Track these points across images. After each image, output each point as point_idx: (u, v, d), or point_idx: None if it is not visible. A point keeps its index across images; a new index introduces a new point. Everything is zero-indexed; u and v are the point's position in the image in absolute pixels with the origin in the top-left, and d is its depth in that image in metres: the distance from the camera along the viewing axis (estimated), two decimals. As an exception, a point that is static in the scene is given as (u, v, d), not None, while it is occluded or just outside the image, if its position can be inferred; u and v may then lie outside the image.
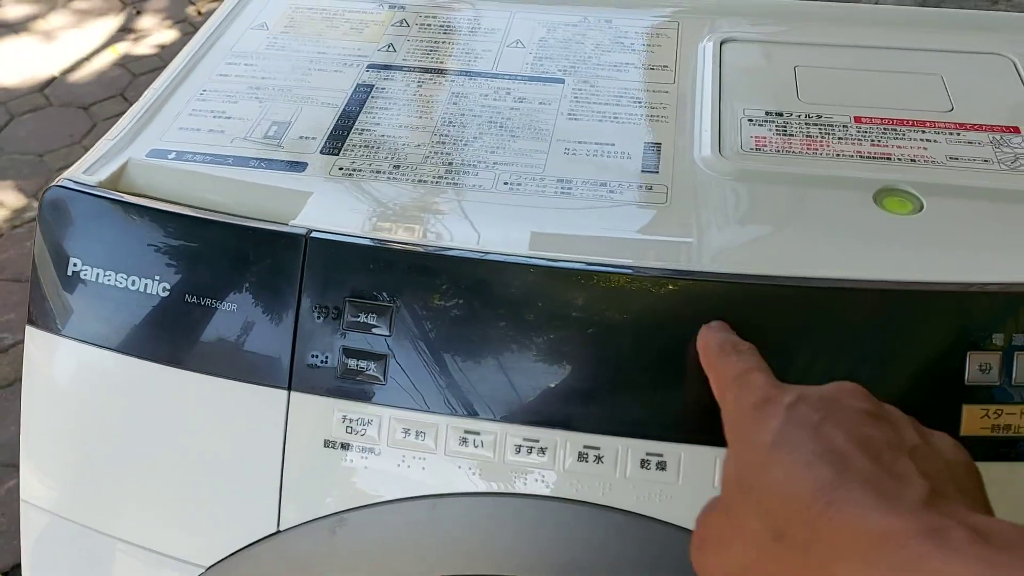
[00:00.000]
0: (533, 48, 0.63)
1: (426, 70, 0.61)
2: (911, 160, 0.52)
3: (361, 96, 0.59)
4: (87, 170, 0.51)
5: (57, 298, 0.50)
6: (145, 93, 0.59)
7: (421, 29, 0.66)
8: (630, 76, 0.60)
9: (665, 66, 0.61)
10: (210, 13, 2.68)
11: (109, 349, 0.49)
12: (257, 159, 0.53)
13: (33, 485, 0.53)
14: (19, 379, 1.78)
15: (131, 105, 0.59)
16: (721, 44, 0.62)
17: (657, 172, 0.52)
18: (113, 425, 0.50)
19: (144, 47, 2.70)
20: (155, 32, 2.77)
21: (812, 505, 0.29)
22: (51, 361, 0.51)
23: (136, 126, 0.56)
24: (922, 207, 0.49)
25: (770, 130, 0.55)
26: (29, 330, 0.51)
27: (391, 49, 0.63)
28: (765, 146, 0.53)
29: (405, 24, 0.66)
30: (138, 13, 2.87)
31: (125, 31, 2.78)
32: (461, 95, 0.59)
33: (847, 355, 0.44)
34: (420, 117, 0.57)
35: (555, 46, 0.63)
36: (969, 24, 0.64)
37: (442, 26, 0.66)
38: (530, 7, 0.68)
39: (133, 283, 0.48)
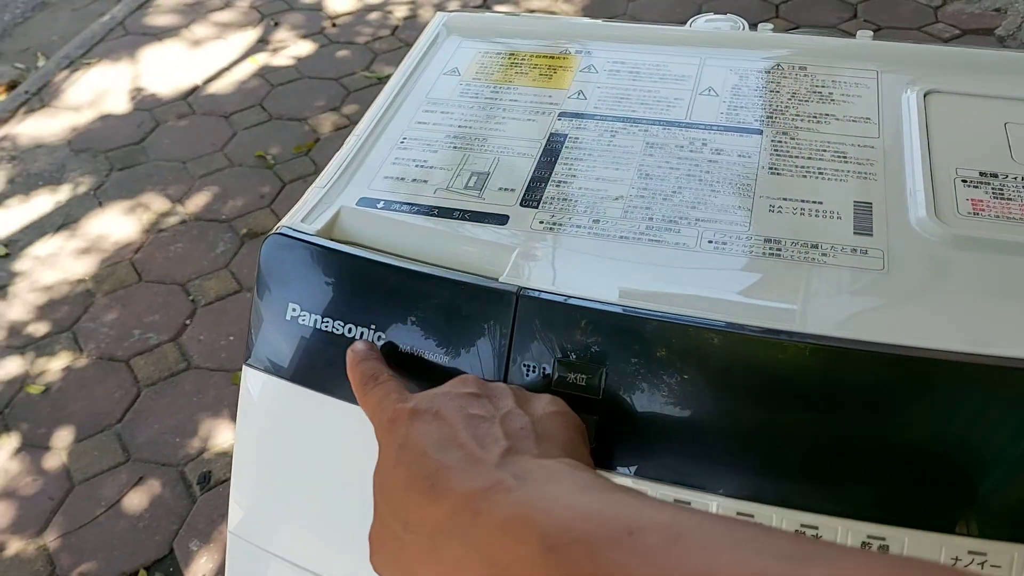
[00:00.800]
0: (727, 96, 0.63)
1: (618, 118, 0.61)
2: None
3: (555, 146, 0.59)
4: (304, 218, 0.54)
5: (275, 341, 0.52)
6: (348, 139, 0.61)
7: (610, 75, 0.66)
8: (831, 128, 0.59)
9: (868, 118, 0.59)
10: (345, 25, 2.76)
11: (323, 393, 0.51)
12: (460, 210, 0.54)
13: (240, 518, 0.55)
14: (163, 379, 1.87)
15: (269, 115, 0.61)
16: (925, 96, 0.60)
17: (871, 234, 0.50)
18: (320, 465, 0.52)
19: (282, 58, 2.81)
20: (292, 44, 2.88)
21: (420, 490, 0.34)
22: (266, 400, 0.53)
23: (345, 174, 0.58)
24: None
25: (987, 193, 0.52)
26: (246, 369, 0.53)
27: (581, 96, 0.64)
28: (983, 210, 0.51)
29: (593, 70, 0.67)
30: (276, 25, 2.99)
31: (263, 43, 2.91)
32: (656, 145, 0.59)
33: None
34: (616, 169, 0.57)
35: (749, 95, 0.63)
36: None
37: (631, 72, 0.66)
38: (720, 52, 0.67)
39: (350, 331, 0.50)
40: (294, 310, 0.51)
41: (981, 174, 0.54)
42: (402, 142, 0.61)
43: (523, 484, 0.32)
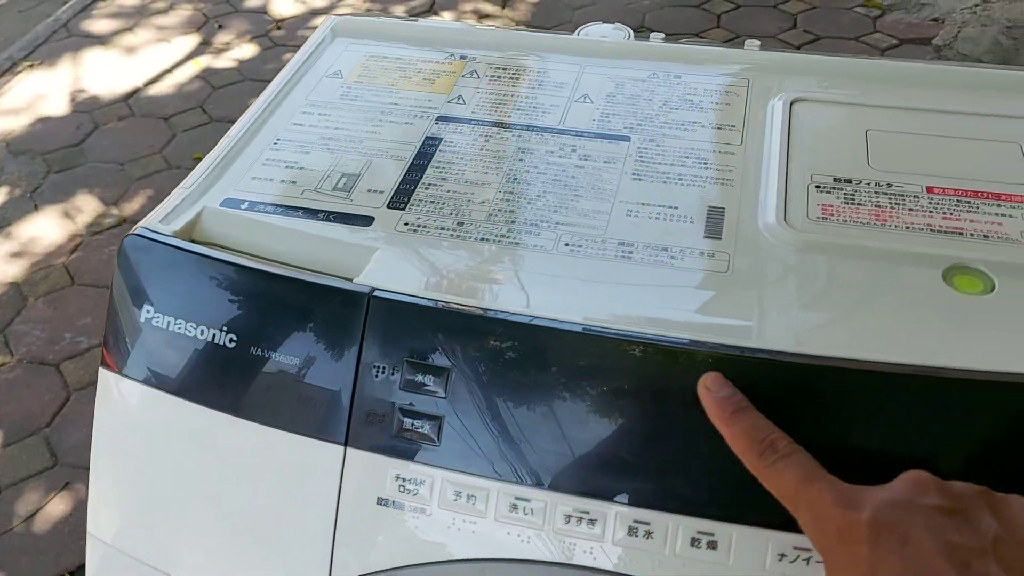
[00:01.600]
0: (601, 104, 0.64)
1: (494, 123, 0.62)
2: (984, 236, 0.51)
3: (429, 149, 0.60)
4: (164, 219, 0.54)
5: (130, 342, 0.52)
6: (221, 141, 0.61)
7: (491, 81, 0.67)
8: (697, 136, 0.60)
9: (733, 126, 0.61)
10: (290, 28, 2.75)
11: (176, 395, 0.51)
12: (326, 212, 0.55)
13: (98, 519, 0.55)
14: (93, 383, 1.85)
15: (209, 117, 0.61)
16: (791, 104, 0.62)
17: (720, 238, 0.52)
18: (175, 468, 0.52)
19: (225, 60, 2.79)
20: (236, 47, 2.86)
21: None
22: (122, 402, 0.53)
23: (212, 174, 0.58)
24: (994, 287, 0.47)
25: (838, 198, 0.54)
26: (102, 371, 0.53)
27: (460, 101, 0.65)
28: (832, 215, 0.53)
29: (475, 75, 0.67)
30: (219, 28, 2.97)
31: (206, 45, 2.88)
32: (527, 151, 0.59)
33: (909, 443, 0.42)
34: (486, 173, 0.58)
35: (623, 102, 0.64)
36: (1053, 89, 0.62)
37: (512, 78, 0.67)
38: (600, 61, 0.68)
39: (202, 332, 0.50)
40: (148, 312, 0.51)
41: (835, 180, 0.55)
42: (275, 143, 0.61)
43: None
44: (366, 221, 0.54)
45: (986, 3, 2.63)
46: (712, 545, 0.43)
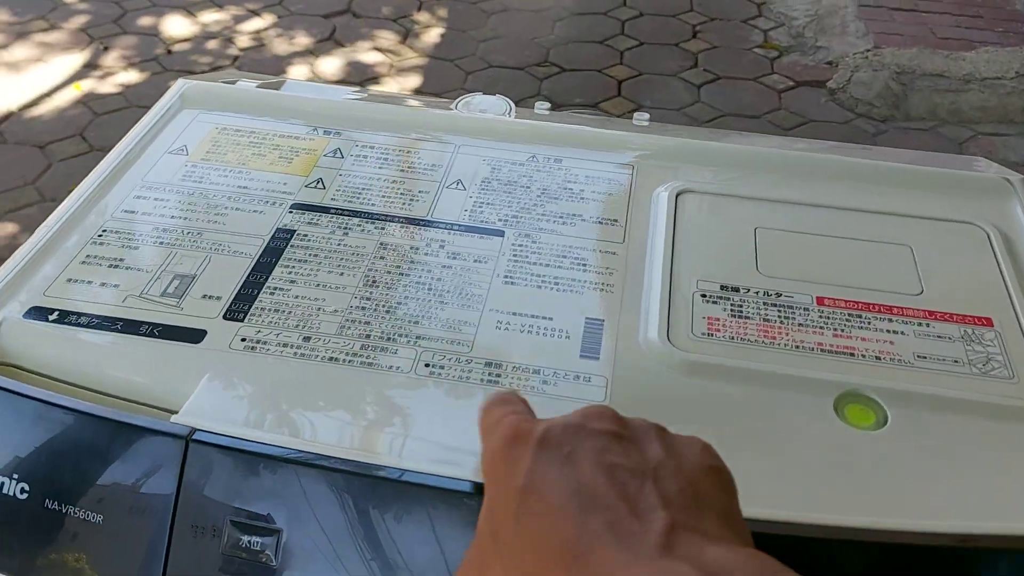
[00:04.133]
0: (474, 191, 0.58)
1: (355, 213, 0.56)
2: (876, 357, 0.47)
3: (279, 244, 0.53)
4: (-48, 337, 0.45)
5: (-98, 489, 0.43)
6: (37, 230, 0.53)
7: (356, 161, 0.60)
8: (576, 230, 0.55)
9: (615, 220, 0.56)
10: (181, 52, 2.62)
11: (-44, 554, 0.42)
12: (150, 324, 0.47)
13: None
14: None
15: (90, 146, 0.53)
16: (677, 195, 0.57)
17: (598, 358, 0.47)
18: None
19: (109, 85, 2.64)
20: (121, 70, 2.71)
21: (560, 563, 0.28)
22: None
23: (20, 275, 0.50)
24: (886, 420, 0.44)
25: (725, 309, 0.49)
26: None
27: (319, 185, 0.58)
28: (719, 331, 0.48)
29: (339, 155, 0.61)
30: (105, 49, 2.81)
31: (90, 67, 2.72)
32: (389, 247, 0.53)
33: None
34: (341, 274, 0.51)
35: (498, 189, 0.58)
36: (945, 184, 0.59)
37: (380, 158, 0.61)
38: (476, 141, 0.63)
39: (-12, 480, 0.42)
40: (-78, 453, 0.43)
41: (722, 288, 0.51)
42: (100, 235, 0.53)
43: None
44: (196, 336, 0.47)
45: (877, 48, 2.71)
46: None
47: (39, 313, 0.48)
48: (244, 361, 0.46)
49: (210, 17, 3.02)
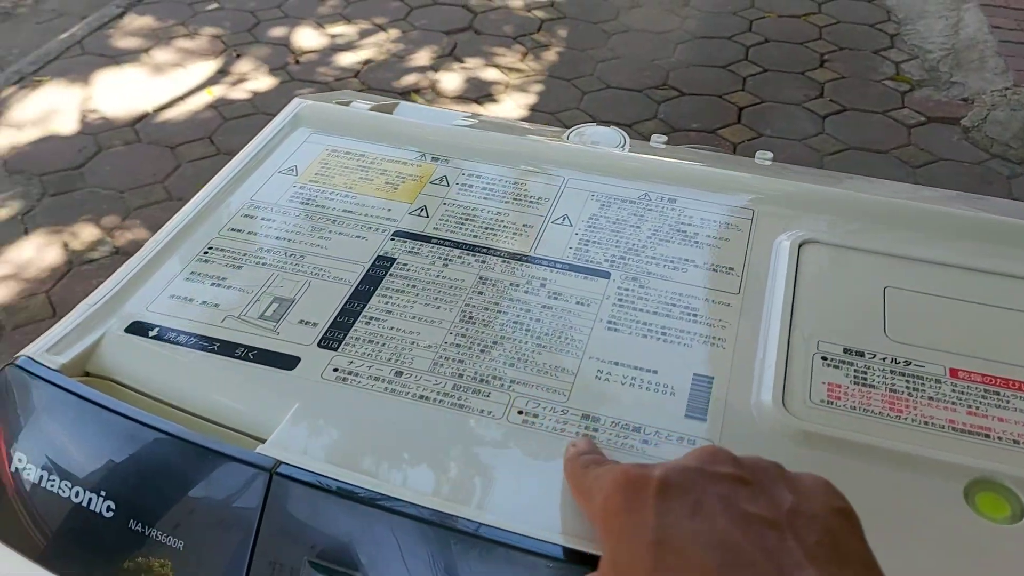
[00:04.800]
0: (581, 227, 0.56)
1: (456, 244, 0.54)
2: (1014, 441, 0.42)
3: (378, 272, 0.52)
4: (53, 347, 0.46)
5: (-2, 495, 0.44)
6: (146, 244, 0.54)
7: (461, 190, 0.59)
8: (688, 277, 0.52)
9: (731, 268, 0.52)
10: (309, 63, 2.70)
11: (40, 564, 0.42)
12: (246, 347, 0.47)
13: None
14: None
15: (217, 149, 0.53)
16: (800, 246, 0.53)
17: (704, 420, 0.43)
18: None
19: (239, 92, 2.74)
20: (252, 78, 2.81)
21: None
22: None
23: (125, 289, 0.50)
24: (1022, 513, 0.39)
25: (847, 375, 0.45)
26: (-35, 522, 0.45)
27: (423, 213, 0.57)
28: (839, 398, 0.44)
29: (445, 182, 0.60)
30: (238, 57, 2.93)
31: (223, 74, 2.84)
32: (489, 281, 0.51)
33: None
34: (438, 307, 0.50)
35: (606, 227, 0.56)
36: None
37: (485, 188, 0.59)
38: (585, 175, 0.60)
39: (77, 495, 0.42)
40: (20, 460, 0.43)
41: (845, 351, 0.47)
42: (206, 252, 0.53)
43: None
44: (290, 363, 0.46)
45: (1016, 87, 2.55)
46: None
47: (140, 328, 0.48)
48: (334, 393, 0.45)
49: (338, 30, 3.11)
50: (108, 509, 0.41)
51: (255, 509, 0.39)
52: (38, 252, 2.10)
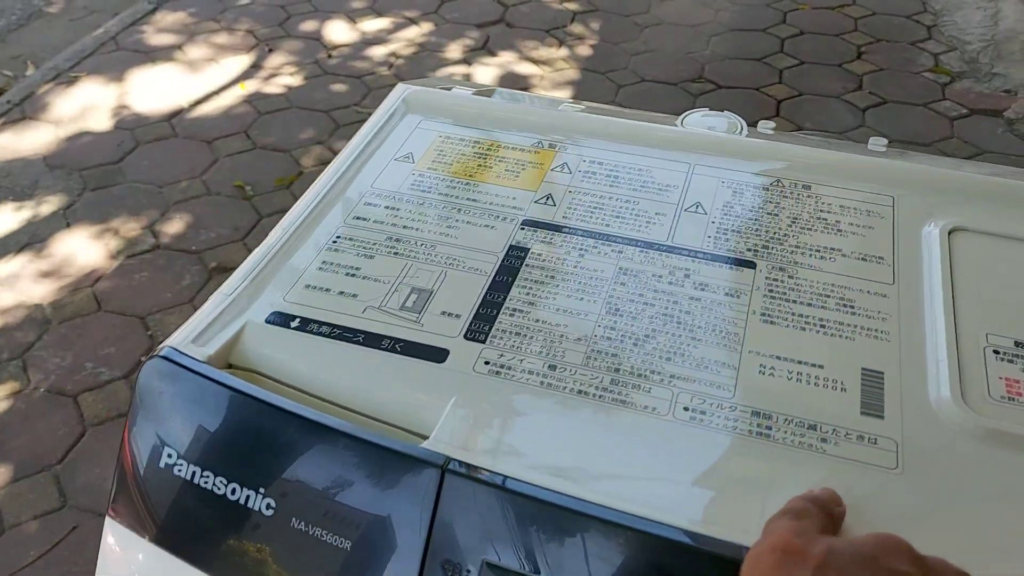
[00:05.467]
0: (716, 215, 0.54)
1: (589, 233, 0.52)
2: None
3: (514, 263, 0.50)
4: (197, 337, 0.44)
5: (145, 492, 0.42)
6: (272, 233, 0.52)
7: (585, 178, 0.57)
8: (837, 267, 0.50)
9: (881, 257, 0.50)
10: (342, 57, 2.69)
11: (194, 565, 0.41)
12: (392, 339, 0.45)
13: None
14: (110, 419, 1.77)
15: (253, 143, 0.52)
16: (950, 234, 0.51)
17: (882, 417, 0.41)
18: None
19: (273, 86, 2.73)
20: (285, 72, 2.80)
21: None
22: (129, 563, 0.43)
23: (259, 278, 0.48)
24: None
25: (1023, 369, 0.43)
26: (109, 521, 0.44)
27: (549, 201, 0.55)
28: (1020, 394, 0.42)
29: (567, 169, 0.58)
30: (270, 51, 2.92)
31: (256, 68, 2.83)
32: (630, 272, 0.50)
33: None
34: (582, 299, 0.48)
35: (743, 215, 0.54)
36: None
37: (609, 175, 0.57)
38: (713, 159, 0.58)
39: (233, 492, 0.40)
40: (170, 456, 0.42)
41: (1017, 344, 0.45)
42: (334, 242, 0.51)
43: None
44: (439, 355, 0.44)
45: (1065, 76, 2.51)
46: None
47: (281, 318, 0.46)
48: (490, 386, 0.43)
49: (370, 24, 3.10)
50: (268, 507, 0.40)
51: (427, 508, 0.38)
52: (81, 247, 2.10)
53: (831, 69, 2.91)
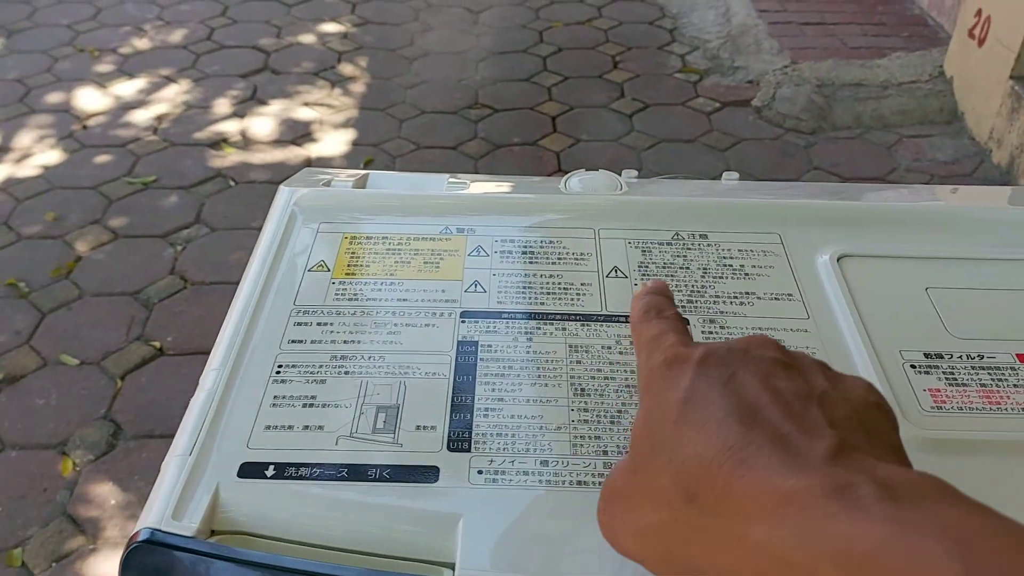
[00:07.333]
0: (636, 278, 0.57)
1: (529, 315, 0.53)
2: (1103, 411, 0.48)
3: (468, 359, 0.50)
4: (176, 510, 0.40)
5: None
6: (205, 375, 0.49)
7: (503, 258, 0.58)
8: (757, 310, 0.54)
9: (790, 295, 0.55)
10: (98, 127, 2.50)
11: None
12: (376, 467, 0.44)
13: None
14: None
15: (17, 235, 0.48)
16: (839, 261, 0.57)
17: (845, 447, 0.46)
18: None
19: (27, 168, 2.49)
20: (37, 151, 2.56)
21: (723, 464, 0.28)
22: None
23: (212, 430, 0.45)
24: None
25: (940, 379, 0.50)
26: None
27: (479, 288, 0.55)
28: (944, 402, 0.48)
29: (483, 252, 0.58)
30: (16, 129, 2.66)
31: (3, 151, 2.57)
32: (581, 348, 0.51)
33: None
34: (546, 384, 0.49)
35: (659, 273, 0.57)
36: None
37: (524, 253, 0.59)
38: (611, 222, 0.61)
39: (262, 675, 0.37)
40: (178, 653, 0.38)
41: (926, 356, 0.51)
42: (277, 372, 0.49)
43: (894, 496, 0.24)
44: (430, 475, 0.44)
45: (795, 64, 2.83)
46: None
47: (254, 469, 0.43)
48: (490, 497, 0.43)
49: (123, 88, 2.90)
50: None
51: (477, 644, 0.37)
52: None
53: (594, 81, 3.09)
